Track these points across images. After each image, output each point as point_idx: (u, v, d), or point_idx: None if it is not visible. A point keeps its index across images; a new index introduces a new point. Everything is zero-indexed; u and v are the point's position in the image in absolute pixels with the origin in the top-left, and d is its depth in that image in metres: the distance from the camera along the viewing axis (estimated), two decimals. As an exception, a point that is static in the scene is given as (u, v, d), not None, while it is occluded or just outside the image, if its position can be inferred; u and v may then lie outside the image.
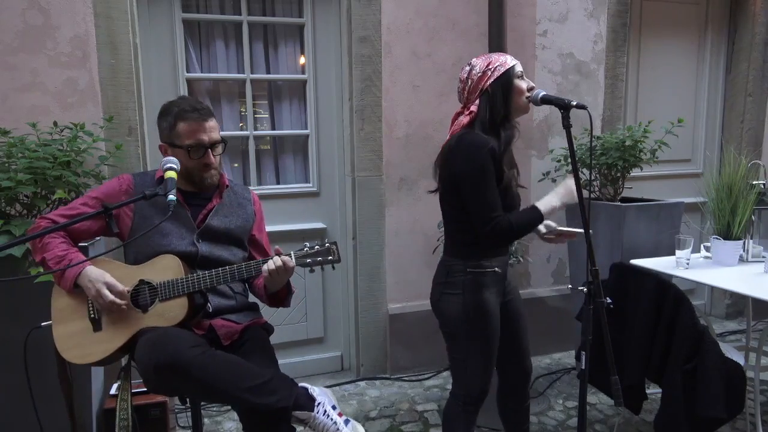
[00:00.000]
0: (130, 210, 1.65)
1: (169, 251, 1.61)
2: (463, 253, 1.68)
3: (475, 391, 1.71)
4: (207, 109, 1.67)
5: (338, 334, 3.19)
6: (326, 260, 1.62)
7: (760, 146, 3.82)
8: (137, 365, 1.45)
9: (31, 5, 2.35)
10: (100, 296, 1.51)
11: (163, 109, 1.67)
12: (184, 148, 1.63)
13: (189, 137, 1.63)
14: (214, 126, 1.67)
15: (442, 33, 2.99)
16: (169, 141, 1.65)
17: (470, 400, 1.72)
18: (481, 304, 1.65)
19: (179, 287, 1.57)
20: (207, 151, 1.65)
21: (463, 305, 1.65)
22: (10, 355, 1.89)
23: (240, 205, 1.79)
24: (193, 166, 1.66)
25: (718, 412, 1.78)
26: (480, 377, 1.71)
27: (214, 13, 2.79)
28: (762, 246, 2.47)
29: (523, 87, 1.65)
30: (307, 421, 1.51)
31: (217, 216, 1.72)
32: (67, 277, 1.54)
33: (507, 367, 1.87)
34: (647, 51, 3.64)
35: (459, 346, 1.71)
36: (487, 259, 1.67)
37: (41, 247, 1.57)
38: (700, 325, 1.86)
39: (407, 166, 3.02)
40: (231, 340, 1.66)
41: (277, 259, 1.57)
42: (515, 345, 1.83)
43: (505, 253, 1.75)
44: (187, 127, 1.62)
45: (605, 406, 2.71)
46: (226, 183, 1.78)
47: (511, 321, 1.80)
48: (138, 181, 1.69)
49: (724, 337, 3.60)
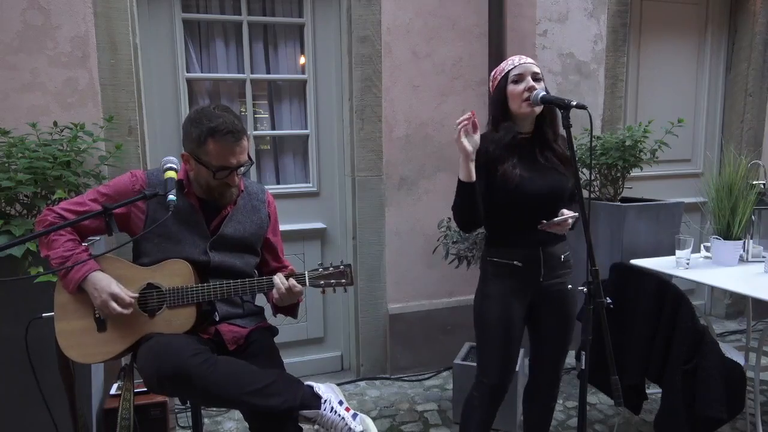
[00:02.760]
0: (142, 212, 1.60)
1: (181, 258, 1.58)
2: (486, 245, 1.83)
3: (487, 378, 1.77)
4: (242, 131, 1.55)
5: (338, 334, 3.19)
6: (339, 282, 1.61)
7: (760, 146, 3.82)
8: (140, 373, 1.44)
9: (31, 5, 2.35)
10: (106, 307, 1.48)
11: (196, 117, 1.54)
12: (211, 168, 1.54)
13: (218, 159, 1.52)
14: (245, 147, 1.57)
15: (442, 33, 2.99)
16: (195, 155, 1.55)
17: (486, 388, 1.77)
18: (486, 292, 1.76)
19: (189, 296, 1.54)
20: (232, 173, 1.57)
21: (476, 292, 1.82)
22: (11, 354, 1.89)
23: (254, 209, 1.73)
24: (215, 185, 1.58)
25: (718, 412, 1.78)
26: (488, 366, 1.77)
27: (214, 13, 2.79)
28: (762, 246, 2.47)
29: (518, 90, 1.64)
30: (315, 419, 1.51)
31: (231, 223, 1.67)
32: (71, 280, 1.50)
33: (534, 366, 1.89)
34: (647, 51, 3.64)
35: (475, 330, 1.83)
36: (503, 251, 1.73)
37: (47, 243, 1.53)
38: (700, 325, 1.86)
39: (407, 166, 3.02)
40: (237, 345, 1.65)
41: (284, 280, 1.56)
42: (544, 347, 1.84)
43: (528, 248, 1.72)
44: (218, 148, 1.52)
45: (605, 406, 2.71)
46: (242, 188, 1.71)
47: (540, 323, 1.81)
48: (152, 180, 1.61)
49: (724, 337, 3.60)
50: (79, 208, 1.56)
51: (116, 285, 1.50)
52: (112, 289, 1.48)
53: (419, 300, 3.11)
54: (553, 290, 1.77)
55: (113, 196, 1.57)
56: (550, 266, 1.74)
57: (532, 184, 1.67)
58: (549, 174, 1.71)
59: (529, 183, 1.66)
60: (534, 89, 1.63)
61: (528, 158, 1.70)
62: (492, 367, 1.76)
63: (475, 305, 1.81)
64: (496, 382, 1.77)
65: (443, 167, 3.05)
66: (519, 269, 1.72)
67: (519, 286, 1.74)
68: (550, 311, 1.79)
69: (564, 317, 1.80)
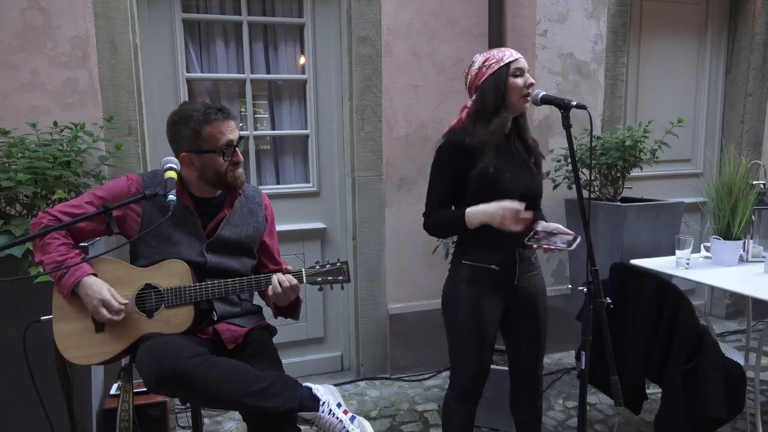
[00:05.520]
0: (137, 214, 1.60)
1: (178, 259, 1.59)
2: (458, 246, 1.78)
3: (461, 380, 1.77)
4: (224, 109, 1.60)
5: (338, 334, 3.19)
6: (336, 279, 1.61)
7: (760, 146, 3.82)
8: (139, 373, 1.44)
9: (31, 5, 2.35)
10: (96, 313, 1.48)
11: (178, 119, 1.58)
12: (218, 151, 1.56)
13: (220, 139, 1.56)
14: (234, 125, 1.62)
15: (442, 33, 2.99)
16: (196, 148, 1.56)
17: (458, 390, 1.78)
18: (458, 295, 1.73)
19: (186, 295, 1.54)
20: (235, 149, 1.61)
21: (444, 292, 1.80)
22: (10, 354, 1.89)
23: (251, 212, 1.74)
24: (225, 168, 1.59)
25: (718, 412, 1.78)
26: (461, 367, 1.77)
27: (214, 13, 2.79)
28: (762, 246, 2.47)
29: (519, 84, 1.62)
30: (313, 421, 1.51)
31: (228, 226, 1.67)
32: (64, 285, 1.50)
33: (515, 368, 1.86)
34: (647, 51, 3.64)
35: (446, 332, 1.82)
36: (479, 255, 1.69)
37: (41, 247, 1.53)
38: (700, 325, 1.86)
39: (407, 166, 3.02)
40: (235, 344, 1.65)
41: (282, 278, 1.56)
42: (521, 347, 1.81)
43: (506, 252, 1.69)
44: (215, 129, 1.55)
45: (605, 406, 2.71)
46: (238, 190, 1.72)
47: (516, 323, 1.79)
48: (147, 182, 1.62)
49: (724, 337, 3.60)
50: (75, 211, 1.55)
51: (107, 290, 1.50)
52: (102, 295, 1.48)
53: (419, 300, 3.11)
54: (526, 291, 1.76)
55: (109, 199, 1.57)
56: (522, 268, 1.73)
57: (511, 183, 1.64)
58: (525, 172, 1.70)
59: (508, 182, 1.63)
60: (533, 86, 1.63)
61: (506, 155, 1.67)
62: (464, 370, 1.76)
63: (445, 307, 1.77)
64: (469, 384, 1.76)
65: (443, 167, 3.04)
66: (495, 272, 1.69)
67: (493, 290, 1.71)
68: (524, 310, 1.77)
69: (538, 316, 1.78)
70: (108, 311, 1.48)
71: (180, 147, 1.59)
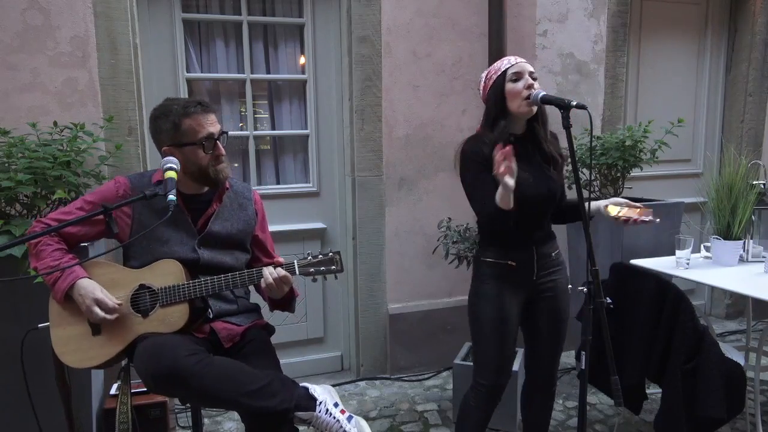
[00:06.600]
0: (128, 216, 1.61)
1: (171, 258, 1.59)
2: (479, 245, 1.83)
3: (484, 378, 1.78)
4: (203, 102, 1.62)
5: (338, 334, 3.19)
6: (329, 269, 1.61)
7: (760, 146, 3.82)
8: (137, 373, 1.44)
9: (31, 5, 2.35)
10: (91, 313, 1.49)
11: (159, 113, 1.61)
12: (198, 143, 1.58)
13: (200, 131, 1.58)
14: (214, 119, 1.64)
15: (442, 33, 2.99)
16: (176, 142, 1.58)
17: (480, 389, 1.79)
18: (480, 292, 1.77)
19: (181, 293, 1.55)
20: (216, 142, 1.62)
21: (469, 292, 1.83)
22: (10, 355, 1.89)
23: (241, 207, 1.75)
24: (207, 162, 1.61)
25: (718, 412, 1.78)
26: (485, 366, 1.77)
27: (214, 13, 2.79)
28: (762, 246, 2.47)
29: (518, 88, 1.63)
30: (310, 420, 1.51)
31: (218, 220, 1.68)
32: (58, 289, 1.51)
33: (531, 365, 1.89)
34: (647, 51, 3.64)
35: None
36: (498, 252, 1.73)
37: (35, 254, 1.55)
38: (700, 325, 1.86)
39: (407, 166, 3.02)
40: (232, 343, 1.65)
41: (273, 270, 1.56)
42: (539, 345, 1.84)
43: (525, 249, 1.73)
44: (195, 122, 1.58)
45: (605, 406, 2.71)
46: (227, 186, 1.74)
47: (534, 320, 1.81)
48: (135, 184, 1.64)
49: (724, 337, 3.60)
50: (66, 218, 1.56)
51: (100, 291, 1.51)
52: (95, 295, 1.49)
53: (419, 300, 3.11)
54: (546, 287, 1.78)
55: (98, 204, 1.57)
56: (542, 264, 1.76)
57: (530, 186, 1.66)
58: (543, 174, 1.72)
59: (526, 185, 1.65)
60: (533, 87, 1.63)
61: (522, 159, 1.67)
62: (489, 368, 1.77)
63: (470, 306, 1.81)
64: (494, 383, 1.77)
65: (443, 167, 3.05)
66: (513, 269, 1.73)
67: (513, 286, 1.74)
68: (544, 308, 1.80)
69: (558, 313, 1.81)
70: (102, 310, 1.49)
71: (161, 141, 1.61)
